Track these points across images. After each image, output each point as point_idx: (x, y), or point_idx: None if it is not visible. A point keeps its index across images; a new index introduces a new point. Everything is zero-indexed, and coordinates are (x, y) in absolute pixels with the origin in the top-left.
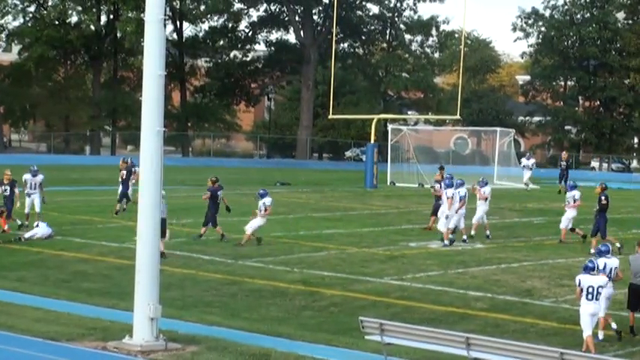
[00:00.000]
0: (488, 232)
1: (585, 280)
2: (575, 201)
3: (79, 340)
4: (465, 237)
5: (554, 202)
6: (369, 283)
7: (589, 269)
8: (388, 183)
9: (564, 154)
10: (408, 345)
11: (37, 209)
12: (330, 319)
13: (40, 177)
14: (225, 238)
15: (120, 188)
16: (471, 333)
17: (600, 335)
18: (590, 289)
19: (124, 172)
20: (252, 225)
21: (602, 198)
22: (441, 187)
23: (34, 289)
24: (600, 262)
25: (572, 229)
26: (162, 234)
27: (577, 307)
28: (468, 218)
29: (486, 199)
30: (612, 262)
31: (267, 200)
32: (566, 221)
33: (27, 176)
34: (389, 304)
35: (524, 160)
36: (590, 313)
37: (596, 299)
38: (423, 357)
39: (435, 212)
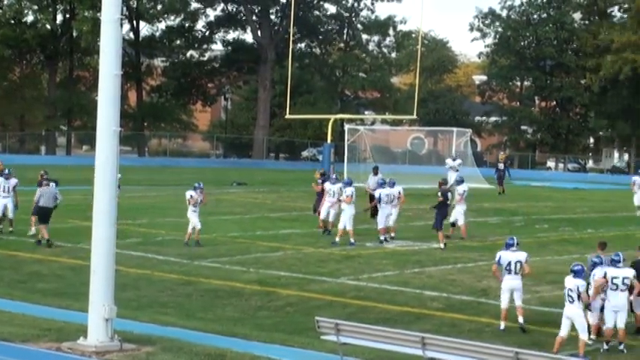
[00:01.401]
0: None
1: (505, 256)
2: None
3: (33, 341)
4: (383, 237)
5: (510, 202)
6: (325, 283)
7: (509, 246)
8: None
9: (502, 155)
10: (363, 345)
11: (10, 215)
12: (286, 319)
13: (13, 180)
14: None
15: None
16: (427, 333)
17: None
18: (509, 265)
19: None
20: (344, 219)
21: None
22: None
23: None
24: (505, 255)
25: (453, 224)
26: (46, 220)
27: (532, 306)
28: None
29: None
30: (519, 255)
31: (349, 190)
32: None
33: None
34: (345, 304)
35: (449, 161)
36: (509, 287)
37: (516, 273)
38: (378, 357)
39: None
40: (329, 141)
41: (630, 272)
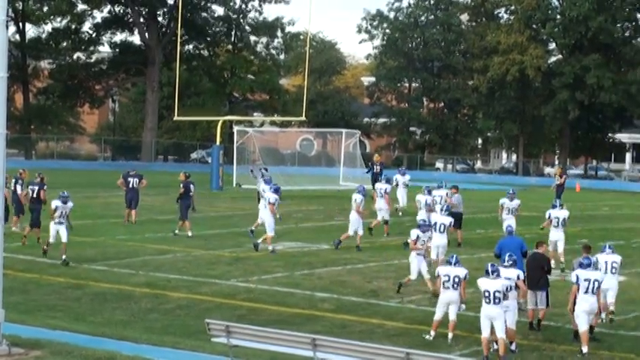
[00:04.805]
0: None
1: (482, 284)
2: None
3: None
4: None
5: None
6: (216, 286)
7: (486, 273)
8: (234, 185)
9: (377, 157)
10: (254, 347)
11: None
12: (176, 322)
13: (70, 204)
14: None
15: None
16: (318, 334)
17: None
18: (487, 293)
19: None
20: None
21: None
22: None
23: None
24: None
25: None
26: None
27: (422, 307)
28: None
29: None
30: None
31: (359, 197)
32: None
33: None
34: (235, 306)
35: (398, 177)
36: (486, 316)
37: (494, 303)
38: (269, 359)
39: None
40: (218, 143)
41: (461, 271)
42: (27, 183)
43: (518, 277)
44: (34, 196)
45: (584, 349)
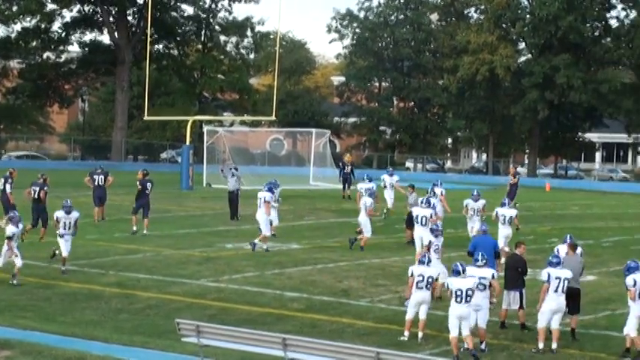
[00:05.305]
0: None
1: (455, 283)
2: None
3: None
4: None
5: None
6: (186, 285)
7: (456, 272)
8: (204, 185)
9: (347, 157)
10: (224, 346)
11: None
12: (147, 322)
13: (75, 214)
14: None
15: None
16: (288, 334)
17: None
18: (459, 292)
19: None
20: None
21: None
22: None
23: None
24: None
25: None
26: None
27: (392, 306)
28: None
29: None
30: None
31: (369, 200)
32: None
33: None
34: (205, 305)
35: (386, 177)
36: (457, 316)
37: (466, 301)
38: (240, 358)
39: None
40: (188, 142)
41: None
42: (30, 183)
43: (493, 277)
44: (36, 196)
45: (554, 346)
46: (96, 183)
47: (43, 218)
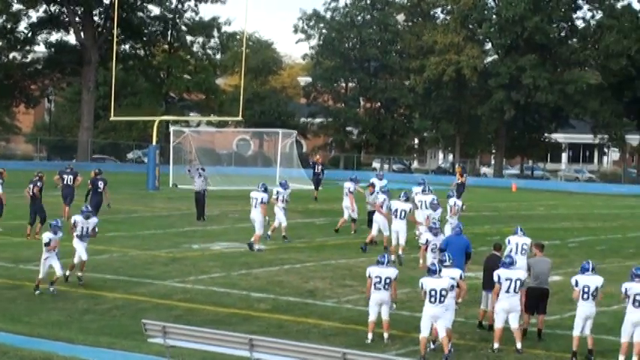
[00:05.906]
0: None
1: (429, 283)
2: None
3: None
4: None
5: (336, 204)
6: (152, 286)
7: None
8: (170, 185)
9: (317, 157)
10: (191, 347)
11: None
12: (113, 323)
13: (94, 220)
14: None
15: None
16: (254, 334)
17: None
18: (433, 292)
19: None
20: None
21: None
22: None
23: None
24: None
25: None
26: None
27: (359, 307)
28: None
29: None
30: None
31: (381, 197)
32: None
33: None
34: (172, 306)
35: (375, 181)
36: (430, 316)
37: (440, 302)
38: (206, 359)
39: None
40: (154, 143)
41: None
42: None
43: (460, 277)
44: (32, 194)
45: (518, 345)
46: (65, 182)
47: (41, 217)
